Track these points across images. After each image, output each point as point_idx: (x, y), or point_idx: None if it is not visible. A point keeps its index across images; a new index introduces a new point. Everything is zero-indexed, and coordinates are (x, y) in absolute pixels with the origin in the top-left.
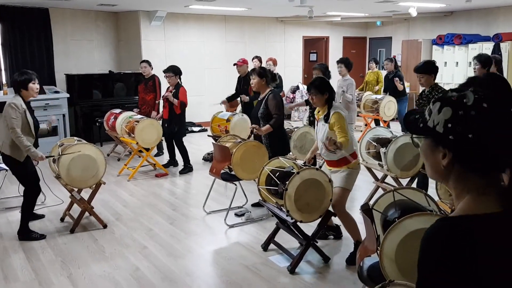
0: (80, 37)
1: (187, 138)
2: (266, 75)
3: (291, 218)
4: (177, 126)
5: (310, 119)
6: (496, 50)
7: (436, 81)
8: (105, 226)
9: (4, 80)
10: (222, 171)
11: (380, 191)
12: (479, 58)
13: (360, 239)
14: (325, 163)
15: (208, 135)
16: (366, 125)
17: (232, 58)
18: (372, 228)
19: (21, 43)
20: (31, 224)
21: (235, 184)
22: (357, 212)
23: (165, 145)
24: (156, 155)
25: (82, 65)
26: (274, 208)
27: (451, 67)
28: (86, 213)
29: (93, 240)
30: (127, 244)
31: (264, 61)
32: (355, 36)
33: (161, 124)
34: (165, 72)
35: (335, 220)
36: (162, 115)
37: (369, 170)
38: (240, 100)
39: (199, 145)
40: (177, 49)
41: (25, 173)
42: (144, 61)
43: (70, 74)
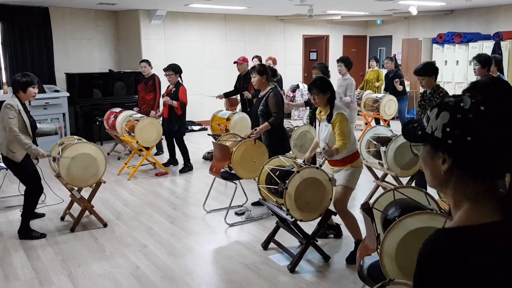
0: (80, 36)
1: (187, 137)
2: (266, 72)
3: (291, 217)
4: (177, 125)
5: (310, 118)
6: (497, 48)
7: (437, 80)
8: (105, 225)
9: (4, 79)
10: (222, 170)
11: (380, 190)
12: (479, 58)
13: (360, 238)
14: (327, 163)
15: (208, 134)
16: (366, 124)
17: (232, 56)
18: (372, 227)
19: (21, 42)
20: (31, 223)
21: (235, 183)
22: (358, 211)
23: (165, 144)
24: (156, 154)
25: (82, 64)
26: (274, 207)
27: (452, 66)
28: (86, 212)
29: (93, 239)
30: (127, 243)
31: (264, 60)
32: (355, 34)
33: (161, 123)
34: (165, 70)
35: (336, 219)
36: (162, 113)
37: (369, 169)
38: (240, 98)
39: (199, 144)
40: (177, 48)
41: (25, 174)
42: (143, 60)
43: (70, 73)
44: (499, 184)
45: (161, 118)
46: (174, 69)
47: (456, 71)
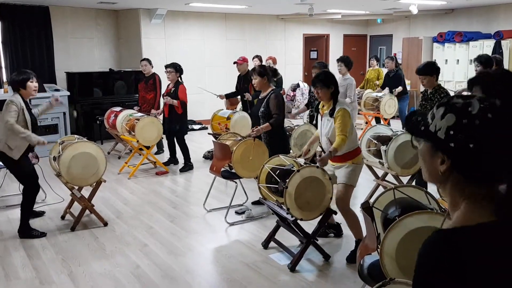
0: (81, 35)
1: (187, 136)
2: (267, 73)
3: (292, 216)
4: (178, 125)
5: (310, 116)
6: (497, 47)
7: (438, 79)
8: (105, 224)
9: (4, 78)
10: (222, 169)
11: (381, 189)
12: (480, 59)
13: (361, 238)
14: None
15: (209, 133)
16: (366, 123)
17: (232, 56)
18: (372, 226)
19: (21, 41)
20: (32, 222)
21: (236, 182)
22: (358, 210)
23: (165, 143)
24: (156, 153)
25: (82, 63)
26: (274, 206)
27: (452, 65)
28: (87, 211)
29: (93, 238)
30: (127, 242)
31: (264, 59)
32: (355, 33)
33: (162, 122)
34: (166, 67)
35: (336, 218)
36: (162, 111)
37: (370, 168)
38: (240, 98)
39: (199, 143)
40: (177, 47)
41: (21, 172)
42: (144, 59)
43: (70, 72)
44: (498, 188)
45: (162, 117)
46: (175, 67)
47: (457, 70)
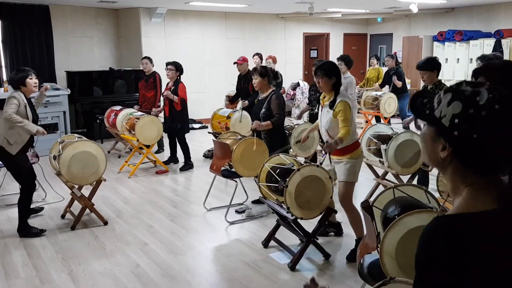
0: (81, 34)
1: (187, 135)
2: (268, 74)
3: (292, 215)
4: (179, 124)
5: (310, 115)
6: (497, 46)
7: (439, 76)
8: (105, 223)
9: (4, 77)
10: (222, 168)
11: (381, 188)
12: (483, 58)
13: (362, 236)
14: (327, 157)
15: (209, 132)
16: (366, 122)
17: (232, 54)
18: (372, 225)
19: (21, 40)
20: (32, 221)
21: (236, 181)
22: (358, 209)
23: (166, 141)
24: (156, 152)
25: (82, 62)
26: (274, 205)
27: (452, 64)
28: (87, 210)
29: (93, 237)
30: (127, 241)
31: (264, 58)
32: (355, 32)
33: (163, 121)
34: (168, 64)
35: (337, 218)
36: (162, 109)
37: (370, 167)
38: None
39: (199, 142)
40: (177, 46)
41: (18, 168)
42: (145, 57)
43: (70, 71)
44: (499, 177)
45: (162, 115)
46: (176, 66)
47: (457, 69)
